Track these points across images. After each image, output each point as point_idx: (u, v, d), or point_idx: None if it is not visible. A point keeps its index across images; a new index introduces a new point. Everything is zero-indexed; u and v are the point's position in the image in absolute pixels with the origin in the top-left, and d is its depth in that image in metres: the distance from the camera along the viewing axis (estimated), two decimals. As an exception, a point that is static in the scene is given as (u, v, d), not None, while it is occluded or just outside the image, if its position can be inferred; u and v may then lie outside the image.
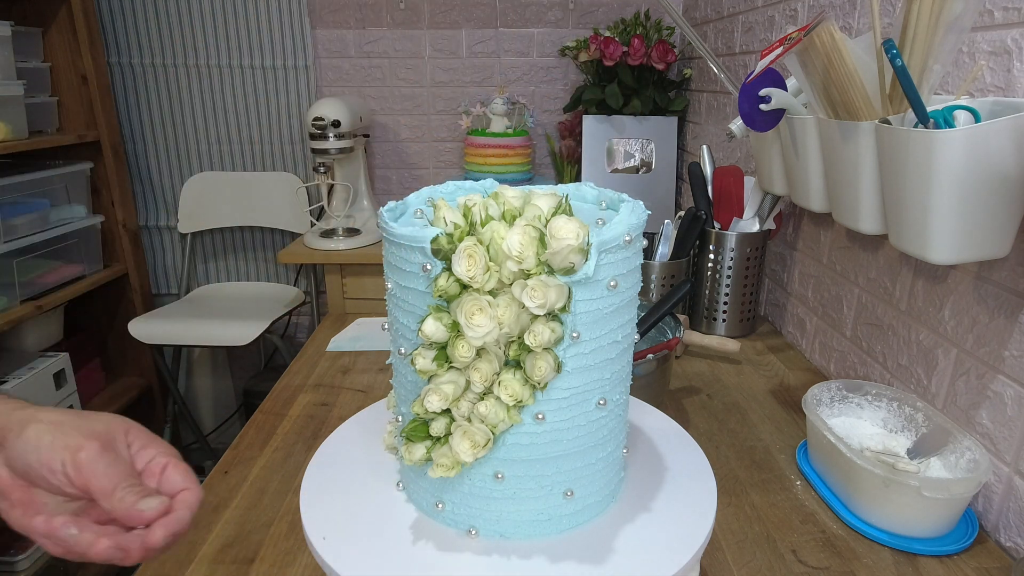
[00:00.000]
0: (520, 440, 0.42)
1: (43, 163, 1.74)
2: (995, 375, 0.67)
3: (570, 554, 0.44)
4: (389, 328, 0.46)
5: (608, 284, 0.41)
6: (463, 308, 0.38)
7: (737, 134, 0.98)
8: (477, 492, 0.44)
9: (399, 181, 2.15)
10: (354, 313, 1.29)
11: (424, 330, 0.40)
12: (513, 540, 0.45)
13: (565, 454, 0.44)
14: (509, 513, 0.44)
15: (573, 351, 0.41)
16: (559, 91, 2.05)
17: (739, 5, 1.40)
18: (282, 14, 1.92)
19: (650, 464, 0.53)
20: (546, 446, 0.43)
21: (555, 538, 0.45)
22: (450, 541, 0.44)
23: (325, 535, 0.44)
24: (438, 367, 0.41)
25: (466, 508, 0.45)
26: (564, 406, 0.43)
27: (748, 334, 1.15)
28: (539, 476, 0.44)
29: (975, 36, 0.69)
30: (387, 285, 0.44)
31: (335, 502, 0.48)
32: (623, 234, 0.41)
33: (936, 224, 0.61)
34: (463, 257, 0.38)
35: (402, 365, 0.45)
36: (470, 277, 0.38)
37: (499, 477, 0.43)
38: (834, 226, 0.99)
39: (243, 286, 2.18)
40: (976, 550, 0.63)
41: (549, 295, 0.38)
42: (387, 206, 0.46)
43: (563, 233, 0.37)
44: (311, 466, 0.52)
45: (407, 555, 0.43)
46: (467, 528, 0.45)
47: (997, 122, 0.56)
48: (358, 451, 0.55)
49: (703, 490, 0.50)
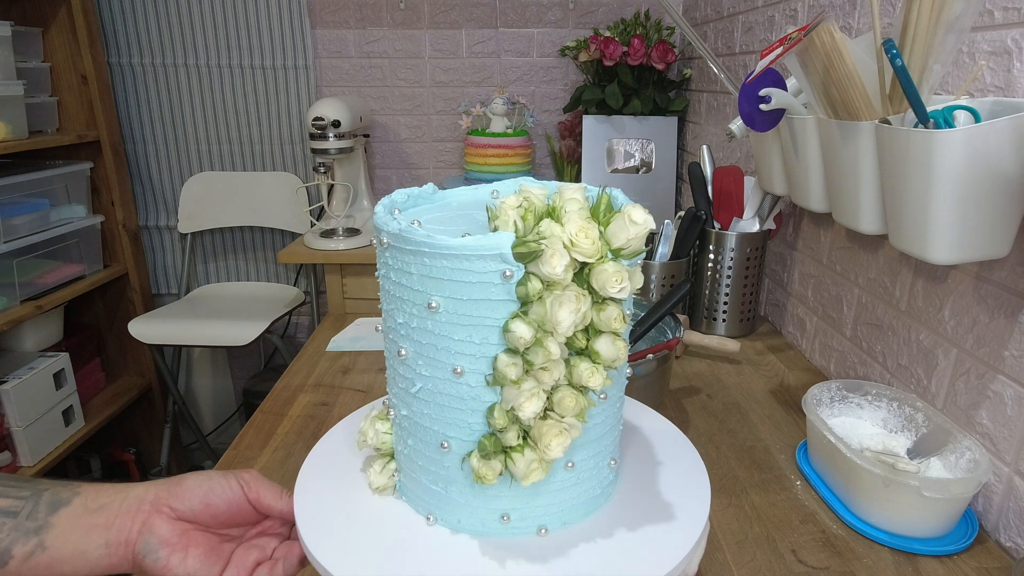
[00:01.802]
0: (590, 422, 0.45)
1: (43, 163, 1.74)
2: (995, 375, 0.67)
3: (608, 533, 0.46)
4: (413, 354, 0.44)
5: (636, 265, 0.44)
6: (549, 306, 0.39)
7: (737, 134, 0.98)
8: (551, 488, 0.45)
9: (399, 181, 2.15)
10: (354, 313, 1.29)
11: (521, 335, 0.39)
12: (571, 527, 0.47)
13: (613, 425, 0.48)
14: (575, 498, 0.47)
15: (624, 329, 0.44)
16: (559, 91, 2.05)
17: (739, 5, 1.40)
18: (282, 14, 1.92)
19: (644, 462, 0.54)
20: (604, 422, 0.47)
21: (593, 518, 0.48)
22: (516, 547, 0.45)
23: (329, 550, 0.44)
24: (525, 373, 0.41)
25: (536, 509, 0.45)
26: (617, 384, 0.47)
27: (748, 334, 1.15)
28: (598, 453, 0.47)
29: (975, 36, 0.69)
30: (430, 304, 0.41)
31: (332, 514, 0.48)
32: None
33: (936, 224, 0.61)
34: (553, 256, 0.39)
35: (452, 387, 0.43)
36: (558, 275, 0.39)
37: (570, 466, 0.45)
38: (834, 226, 0.99)
39: (243, 286, 2.18)
40: (976, 550, 0.63)
41: (633, 279, 0.41)
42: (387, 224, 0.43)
43: (639, 218, 0.40)
44: (304, 470, 0.52)
45: (414, 561, 0.44)
46: (537, 529, 0.46)
47: (997, 122, 0.56)
48: (356, 454, 0.54)
49: (697, 484, 0.51)
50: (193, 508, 0.46)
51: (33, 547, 0.42)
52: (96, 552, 0.44)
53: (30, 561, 0.42)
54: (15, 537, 0.42)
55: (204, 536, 0.47)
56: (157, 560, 0.44)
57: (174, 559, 0.45)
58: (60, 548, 0.43)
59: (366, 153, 1.96)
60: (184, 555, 0.45)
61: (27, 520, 0.43)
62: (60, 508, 0.44)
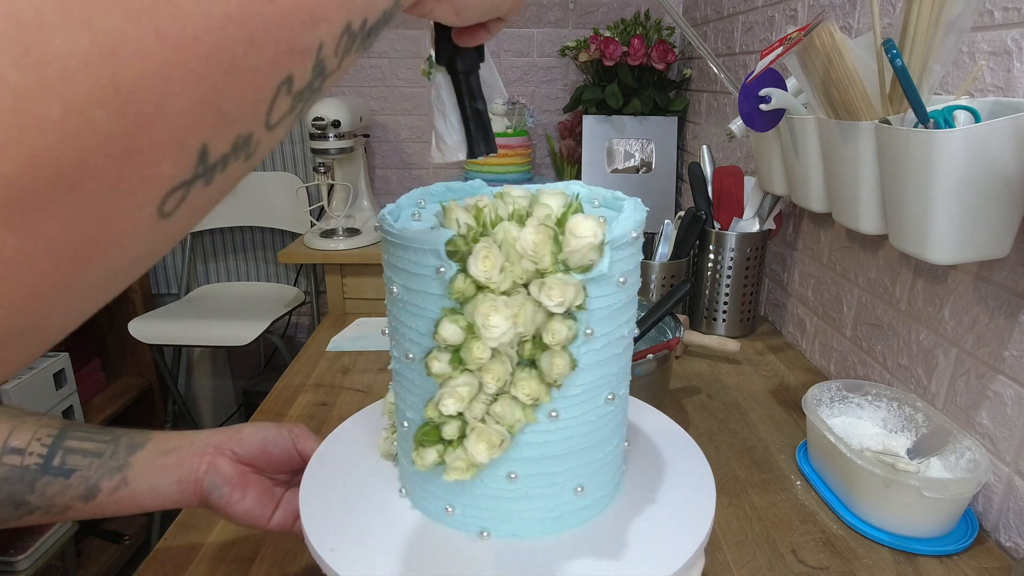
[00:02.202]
0: (534, 439, 0.42)
1: (43, 163, 1.74)
2: (995, 375, 0.67)
3: (583, 551, 0.44)
4: (391, 334, 0.46)
5: (618, 280, 0.41)
6: (479, 309, 0.38)
7: (737, 134, 0.98)
8: (490, 493, 0.44)
9: (399, 181, 2.15)
10: (354, 313, 1.29)
11: (441, 333, 0.39)
12: (525, 539, 0.45)
13: (576, 450, 0.44)
14: (522, 513, 0.44)
15: (586, 348, 0.41)
16: (559, 91, 2.05)
17: (739, 5, 1.40)
18: (282, 14, 1.92)
19: (649, 461, 0.53)
20: (559, 443, 0.43)
21: (565, 534, 0.45)
22: (461, 544, 0.45)
23: (333, 547, 0.44)
24: (453, 370, 0.41)
25: (477, 510, 0.45)
26: (576, 403, 0.43)
27: (748, 334, 1.15)
28: (551, 474, 0.44)
29: (975, 36, 0.69)
30: (392, 290, 0.43)
31: (337, 510, 0.48)
32: (630, 230, 0.41)
33: (936, 224, 0.61)
34: (479, 258, 0.38)
35: (408, 370, 0.44)
36: (487, 278, 0.38)
37: (513, 477, 0.43)
38: (834, 226, 0.99)
39: (243, 286, 2.18)
40: (976, 550, 0.63)
41: (568, 293, 0.38)
42: (386, 209, 0.46)
43: (582, 231, 0.38)
44: (309, 469, 0.52)
45: (418, 560, 0.43)
46: (479, 531, 0.45)
47: (997, 122, 0.56)
48: (357, 454, 0.55)
49: (701, 482, 0.50)
50: (251, 453, 0.53)
51: (118, 482, 0.49)
52: (169, 488, 0.50)
53: (115, 494, 0.49)
54: (102, 474, 0.49)
55: (260, 479, 0.53)
56: (221, 496, 0.51)
57: (235, 496, 0.51)
58: (139, 484, 0.50)
59: (366, 153, 1.96)
60: (243, 494, 0.51)
61: (111, 459, 0.49)
62: (137, 450, 0.51)
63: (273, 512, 0.53)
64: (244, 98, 0.18)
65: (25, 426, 0.48)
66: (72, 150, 0.14)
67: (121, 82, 0.14)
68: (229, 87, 0.17)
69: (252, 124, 0.19)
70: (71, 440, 0.49)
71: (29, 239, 0.14)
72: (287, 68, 0.19)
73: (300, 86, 0.20)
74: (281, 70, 0.19)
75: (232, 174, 0.19)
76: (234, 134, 0.18)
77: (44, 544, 1.47)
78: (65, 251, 0.15)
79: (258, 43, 0.17)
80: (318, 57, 0.20)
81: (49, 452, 0.48)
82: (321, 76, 0.21)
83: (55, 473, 0.47)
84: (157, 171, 0.16)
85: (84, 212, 0.15)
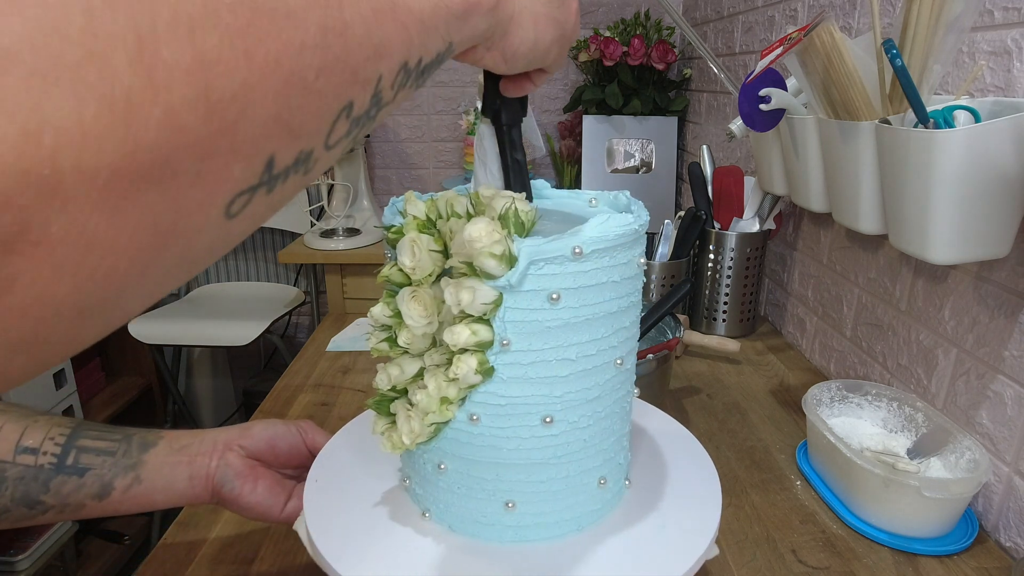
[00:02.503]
0: (458, 437, 0.43)
1: (43, 163, 1.74)
2: (995, 375, 0.67)
3: (589, 551, 0.44)
4: None
5: (550, 296, 0.38)
6: (402, 296, 0.41)
7: (737, 134, 0.98)
8: (428, 478, 0.46)
9: (399, 181, 2.15)
10: (354, 313, 1.29)
11: (372, 312, 0.42)
12: (461, 535, 0.45)
13: (505, 463, 0.43)
14: (452, 506, 0.45)
15: (507, 359, 0.39)
16: (559, 91, 2.05)
17: (739, 5, 1.40)
18: (282, 14, 1.92)
19: (654, 462, 0.53)
20: (483, 449, 0.42)
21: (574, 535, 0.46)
22: (460, 545, 0.45)
23: (333, 545, 0.44)
24: (391, 349, 0.43)
25: (421, 490, 0.47)
26: (501, 414, 0.41)
27: (748, 334, 1.15)
28: (479, 478, 0.43)
29: (975, 36, 0.69)
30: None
31: (337, 509, 0.48)
32: (571, 246, 0.37)
33: (936, 224, 0.61)
34: (405, 248, 0.40)
35: None
36: (411, 268, 0.40)
37: (442, 468, 0.44)
38: (834, 226, 0.99)
39: (243, 286, 2.18)
40: (976, 550, 0.63)
41: (462, 295, 0.37)
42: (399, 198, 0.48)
43: (471, 233, 0.36)
44: (312, 470, 0.52)
45: (418, 561, 0.44)
46: (422, 510, 0.47)
47: (997, 122, 0.56)
48: (360, 454, 0.55)
49: (708, 486, 0.50)
50: (260, 448, 0.55)
51: (131, 480, 0.50)
52: (182, 484, 0.52)
53: (129, 492, 0.50)
54: (116, 472, 0.50)
55: (270, 472, 0.55)
56: (232, 489, 0.52)
57: (246, 488, 0.52)
58: (153, 481, 0.51)
59: (366, 153, 1.96)
60: (254, 486, 0.53)
61: (123, 458, 0.50)
62: (149, 448, 0.52)
63: (285, 503, 0.54)
64: (311, 117, 0.20)
65: (37, 426, 0.49)
66: (166, 147, 0.16)
67: (212, 93, 0.16)
68: (300, 107, 0.19)
69: (314, 142, 0.21)
70: (84, 439, 0.50)
71: (118, 220, 0.16)
72: (349, 95, 0.22)
73: (359, 112, 0.23)
74: (344, 96, 0.21)
75: (291, 186, 0.21)
76: (298, 149, 0.20)
77: (44, 544, 1.47)
78: (146, 235, 0.17)
79: (328, 70, 0.20)
80: (376, 88, 0.23)
81: (63, 451, 0.48)
82: (377, 106, 0.24)
83: (69, 472, 0.48)
84: (230, 174, 0.18)
85: (166, 202, 0.17)
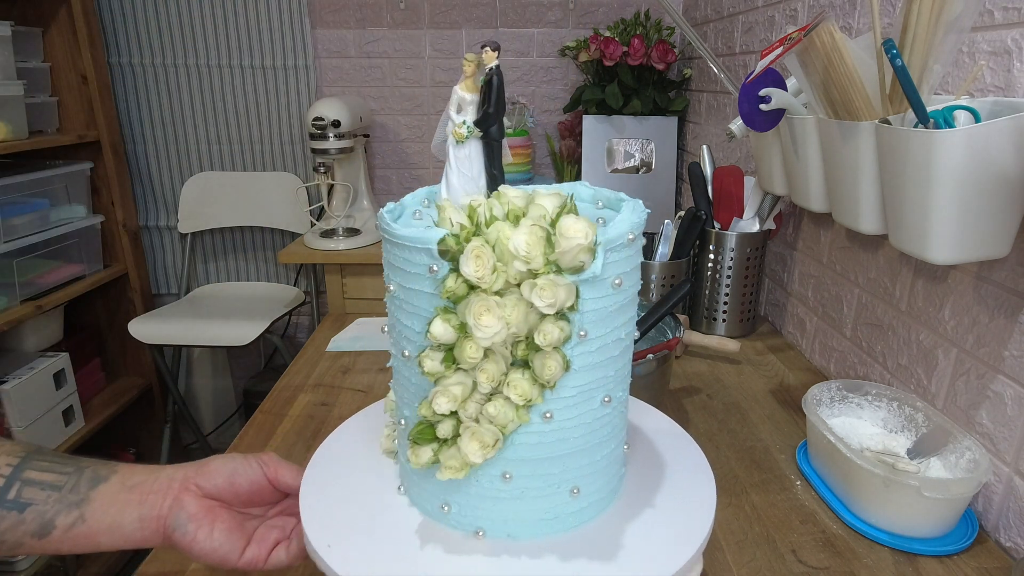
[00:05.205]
0: (528, 439, 0.42)
1: (43, 163, 1.74)
2: (995, 375, 0.67)
3: (579, 552, 0.44)
4: (389, 331, 0.46)
5: (613, 282, 0.41)
6: (471, 309, 0.38)
7: (737, 134, 0.98)
8: (485, 493, 0.44)
9: (399, 181, 2.15)
10: (354, 313, 1.29)
11: (433, 332, 0.39)
12: (520, 540, 0.45)
13: (571, 452, 0.44)
14: (517, 513, 0.44)
15: (580, 349, 0.41)
16: (559, 91, 2.05)
17: (739, 5, 1.40)
18: (282, 14, 1.92)
19: (649, 462, 0.53)
20: (553, 445, 0.43)
21: (562, 536, 0.45)
22: (457, 543, 0.45)
23: (329, 543, 0.44)
24: (446, 369, 0.41)
25: (473, 510, 0.45)
26: (571, 404, 0.43)
27: (748, 334, 1.15)
28: (546, 475, 0.44)
29: (975, 36, 0.69)
30: (388, 288, 0.44)
31: (335, 507, 0.48)
32: (626, 232, 0.41)
33: (936, 224, 0.61)
34: (471, 258, 0.38)
35: (405, 368, 0.44)
36: (478, 278, 0.38)
37: (507, 477, 0.43)
38: (834, 226, 0.99)
39: (243, 286, 2.18)
40: (976, 550, 0.63)
41: (559, 294, 0.38)
42: (386, 207, 0.46)
43: (572, 232, 0.38)
44: (309, 468, 0.52)
45: (414, 558, 0.43)
46: (474, 530, 0.45)
47: (997, 122, 0.56)
48: (357, 453, 0.55)
49: (702, 484, 0.50)
50: (218, 486, 0.50)
51: (74, 519, 0.46)
52: (131, 526, 0.47)
53: (71, 531, 0.46)
54: (59, 509, 0.46)
55: (229, 513, 0.50)
56: (186, 534, 0.47)
57: (201, 533, 0.48)
58: (98, 521, 0.47)
59: (366, 153, 1.96)
60: (211, 529, 0.48)
61: (70, 493, 0.47)
62: (99, 484, 0.48)
63: (244, 548, 0.49)
64: None
65: None
66: None
67: None
68: None
69: None
70: (31, 471, 0.47)
71: None
72: None
73: None
74: None
75: None
76: None
77: (44, 544, 1.47)
78: None
79: None
80: None
81: (6, 483, 0.45)
82: None
83: (9, 507, 0.45)
84: None
85: None
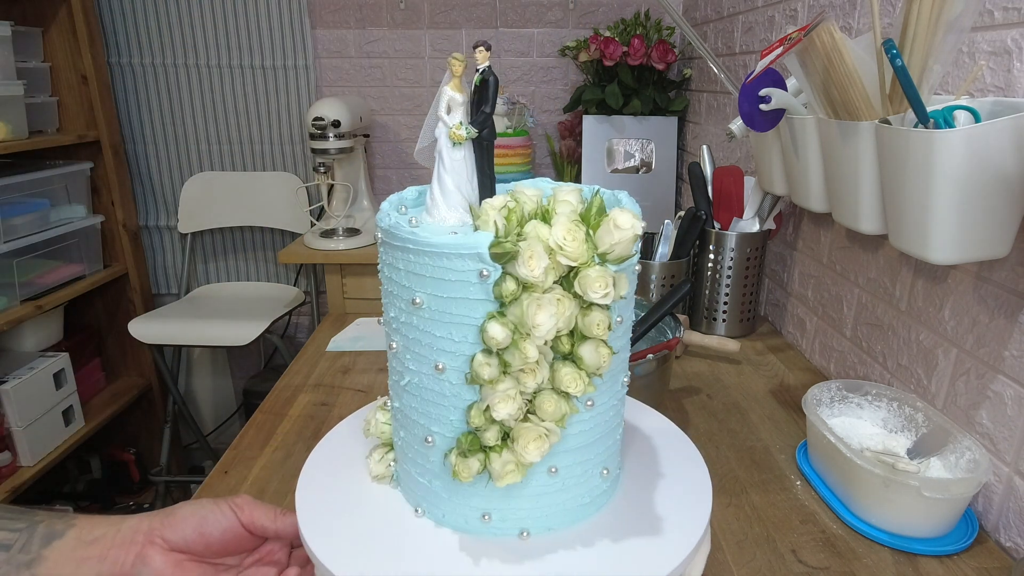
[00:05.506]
0: (572, 429, 0.44)
1: (43, 163, 1.74)
2: (995, 375, 0.67)
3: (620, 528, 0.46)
4: (403, 349, 0.44)
5: (634, 268, 0.43)
6: (526, 309, 0.38)
7: (737, 134, 0.98)
8: (531, 492, 0.45)
9: (399, 181, 2.15)
10: (354, 313, 1.29)
11: (492, 336, 0.39)
12: (559, 531, 0.46)
13: (605, 434, 0.46)
14: (560, 504, 0.46)
15: (615, 335, 0.43)
16: (559, 91, 2.05)
17: (739, 5, 1.40)
18: (282, 14, 1.92)
19: (647, 462, 0.54)
20: (592, 431, 0.45)
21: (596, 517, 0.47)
22: (504, 550, 0.44)
23: (329, 548, 0.44)
24: (500, 374, 0.41)
25: (517, 511, 0.45)
26: (606, 390, 0.45)
27: (748, 334, 1.15)
28: (585, 461, 0.46)
29: (975, 36, 0.69)
30: (413, 300, 0.41)
31: (332, 510, 0.48)
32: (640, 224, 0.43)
33: (936, 224, 0.61)
34: (526, 258, 0.38)
35: (435, 383, 0.43)
36: (535, 277, 0.38)
37: (553, 471, 0.44)
38: (834, 226, 0.99)
39: (243, 286, 2.18)
40: (976, 550, 0.63)
41: (610, 284, 0.40)
42: (383, 218, 0.44)
43: (624, 223, 0.39)
44: (305, 470, 0.52)
45: (414, 558, 0.43)
46: (518, 532, 0.45)
47: (997, 122, 0.56)
48: (355, 453, 0.54)
49: (698, 479, 0.51)
50: (187, 538, 0.45)
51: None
52: None
53: None
54: (7, 571, 0.42)
55: (199, 568, 0.46)
56: None
57: None
58: None
59: (366, 153, 1.96)
60: None
61: (20, 553, 0.42)
62: (54, 540, 0.43)
63: None
64: None
65: None
66: None
67: None
68: None
69: None
70: None
71: None
72: None
73: None
74: None
75: None
76: None
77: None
78: None
79: None
80: None
81: None
82: None
83: None
84: None
85: None
